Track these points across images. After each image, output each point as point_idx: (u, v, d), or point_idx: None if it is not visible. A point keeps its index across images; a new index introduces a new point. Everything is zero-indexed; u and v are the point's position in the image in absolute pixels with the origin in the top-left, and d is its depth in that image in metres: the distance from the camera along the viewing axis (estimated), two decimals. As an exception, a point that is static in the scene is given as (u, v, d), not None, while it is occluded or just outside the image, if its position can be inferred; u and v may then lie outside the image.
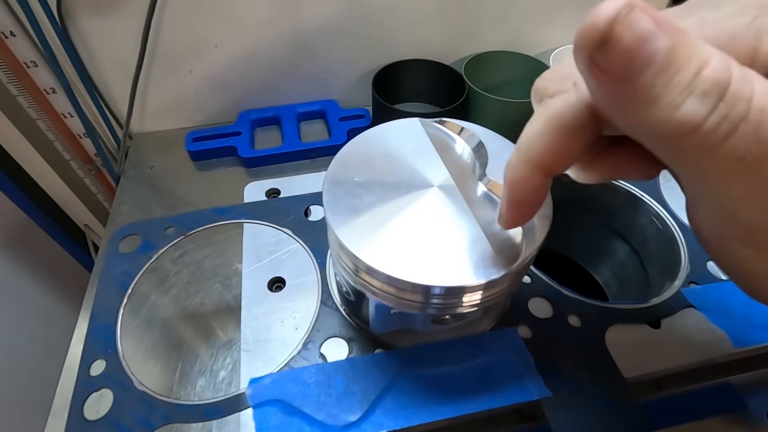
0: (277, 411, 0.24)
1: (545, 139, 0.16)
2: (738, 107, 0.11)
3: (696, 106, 0.11)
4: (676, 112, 0.11)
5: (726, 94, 0.11)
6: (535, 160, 0.16)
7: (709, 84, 0.11)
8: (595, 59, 0.12)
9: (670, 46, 0.11)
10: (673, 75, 0.11)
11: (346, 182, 0.23)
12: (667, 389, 0.31)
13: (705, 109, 0.11)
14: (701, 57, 0.11)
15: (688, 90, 0.11)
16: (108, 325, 0.28)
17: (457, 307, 0.21)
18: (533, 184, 0.17)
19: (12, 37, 0.43)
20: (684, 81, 0.11)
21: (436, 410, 0.24)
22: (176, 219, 0.34)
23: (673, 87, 0.11)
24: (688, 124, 0.11)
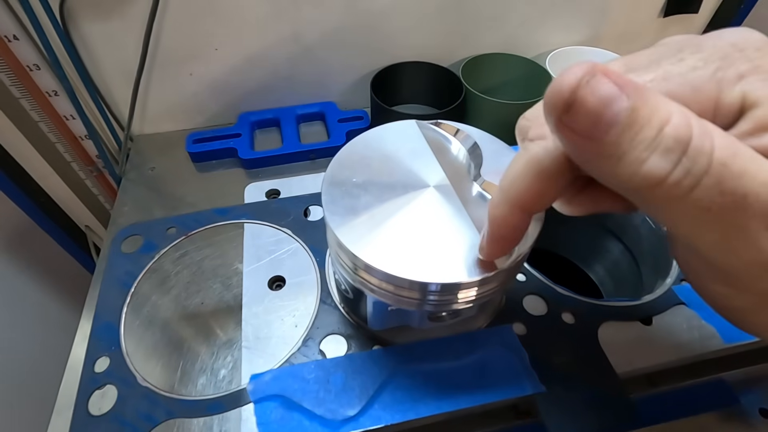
0: (278, 406, 0.25)
1: (524, 182, 0.16)
2: (700, 161, 0.12)
3: (660, 162, 0.12)
4: (642, 168, 0.12)
5: (688, 150, 0.12)
6: (514, 200, 0.17)
7: (671, 141, 0.12)
8: (563, 120, 0.13)
9: (632, 106, 0.12)
10: (637, 133, 0.12)
11: (345, 183, 0.24)
12: (660, 385, 0.32)
13: (668, 164, 0.12)
14: (663, 115, 0.12)
15: (651, 147, 0.12)
16: (111, 323, 0.29)
17: (453, 303, 0.22)
18: (513, 222, 0.18)
19: (15, 41, 0.43)
20: (647, 138, 0.12)
21: (433, 405, 0.25)
22: (177, 219, 0.34)
23: (637, 144, 0.12)
24: (653, 178, 0.12)
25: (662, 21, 0.63)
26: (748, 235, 0.12)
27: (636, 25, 0.63)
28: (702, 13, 0.63)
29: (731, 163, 0.12)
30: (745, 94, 0.13)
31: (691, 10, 0.62)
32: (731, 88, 0.14)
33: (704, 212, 0.12)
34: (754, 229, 0.12)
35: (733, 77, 0.14)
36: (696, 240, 0.14)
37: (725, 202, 0.12)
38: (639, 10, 0.62)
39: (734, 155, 0.12)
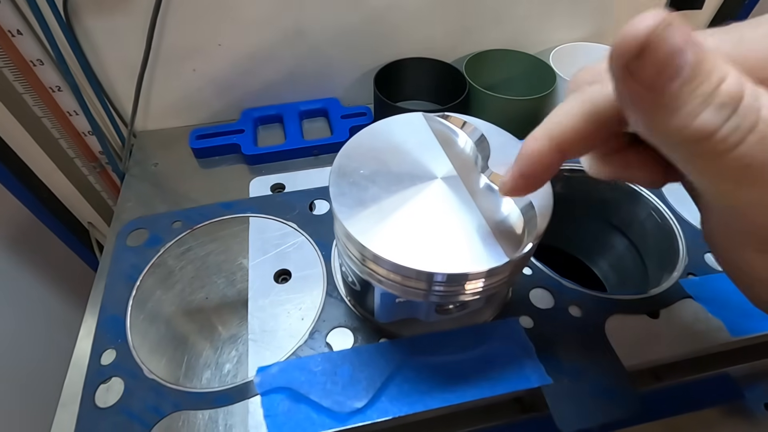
0: (285, 398, 0.25)
1: (573, 120, 0.17)
2: (748, 119, 0.12)
3: (713, 116, 0.12)
4: (695, 120, 0.12)
5: (739, 107, 0.12)
6: (557, 137, 0.17)
7: (725, 97, 0.12)
8: (630, 66, 0.13)
9: (696, 60, 0.12)
10: (697, 86, 0.12)
11: (352, 174, 0.24)
12: (665, 380, 0.32)
13: (720, 119, 0.12)
14: (720, 73, 0.12)
15: (707, 101, 0.12)
16: (117, 316, 0.29)
17: (460, 294, 0.22)
18: (547, 160, 0.18)
19: (19, 36, 0.43)
20: (705, 92, 0.12)
21: (440, 397, 0.25)
22: (183, 213, 0.34)
23: (695, 97, 0.12)
24: (704, 131, 0.12)
25: (666, 17, 0.63)
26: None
27: (639, 22, 0.63)
28: (706, 9, 0.63)
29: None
30: None
31: (695, 6, 0.62)
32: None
33: (746, 169, 0.13)
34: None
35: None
36: (735, 198, 0.14)
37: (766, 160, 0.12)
38: (642, 6, 0.61)
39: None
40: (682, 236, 0.33)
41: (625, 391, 0.26)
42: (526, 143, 0.18)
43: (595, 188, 0.38)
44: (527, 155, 0.18)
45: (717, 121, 0.12)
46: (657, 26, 0.12)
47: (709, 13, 0.65)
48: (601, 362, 0.27)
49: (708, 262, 0.32)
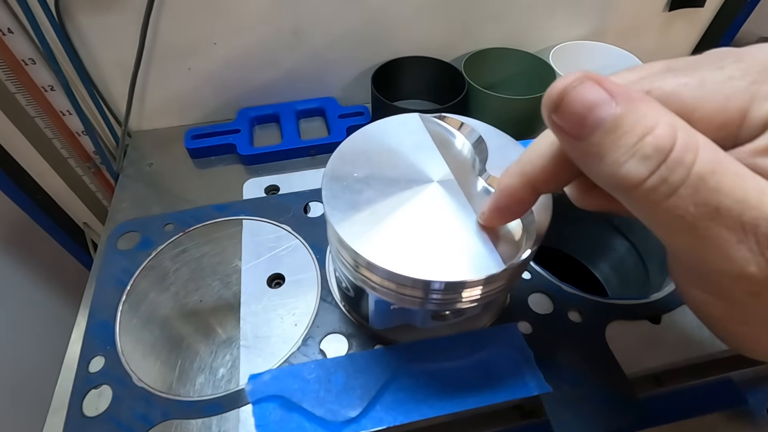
0: (277, 407, 0.24)
1: (543, 159, 0.17)
2: (678, 172, 0.13)
3: (637, 166, 0.13)
4: (620, 169, 0.13)
5: (667, 159, 0.13)
6: (528, 174, 0.18)
7: (649, 149, 0.13)
8: (552, 118, 0.14)
9: (620, 114, 0.13)
10: (619, 138, 0.13)
11: (346, 178, 0.23)
12: (667, 385, 0.31)
13: (645, 169, 0.13)
14: (647, 124, 0.13)
15: (630, 152, 0.13)
16: (107, 321, 0.28)
17: (457, 302, 0.21)
18: (520, 196, 0.19)
19: (10, 34, 0.43)
20: (628, 144, 0.13)
21: (436, 406, 0.24)
22: (175, 216, 0.34)
23: (618, 147, 0.13)
24: (630, 180, 0.13)
25: (667, 15, 0.62)
26: (720, 245, 0.13)
27: (641, 20, 0.62)
28: (708, 7, 0.62)
29: (709, 178, 0.13)
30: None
31: (697, 4, 0.61)
32: (763, 103, 0.14)
33: (679, 219, 0.13)
34: (725, 240, 0.13)
35: (766, 92, 0.14)
36: (673, 244, 0.15)
37: (699, 213, 0.13)
38: (644, 5, 0.61)
39: (713, 171, 0.13)
40: (684, 239, 0.32)
41: (626, 399, 0.25)
42: (502, 178, 0.19)
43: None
44: (501, 190, 0.19)
45: (642, 171, 0.13)
46: (571, 83, 0.14)
47: (711, 10, 0.64)
48: (602, 369, 0.26)
49: (711, 265, 0.31)
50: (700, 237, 0.13)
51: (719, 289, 0.15)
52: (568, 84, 0.14)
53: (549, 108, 0.14)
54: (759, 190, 0.13)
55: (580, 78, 0.14)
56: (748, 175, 0.13)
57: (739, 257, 0.13)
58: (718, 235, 0.13)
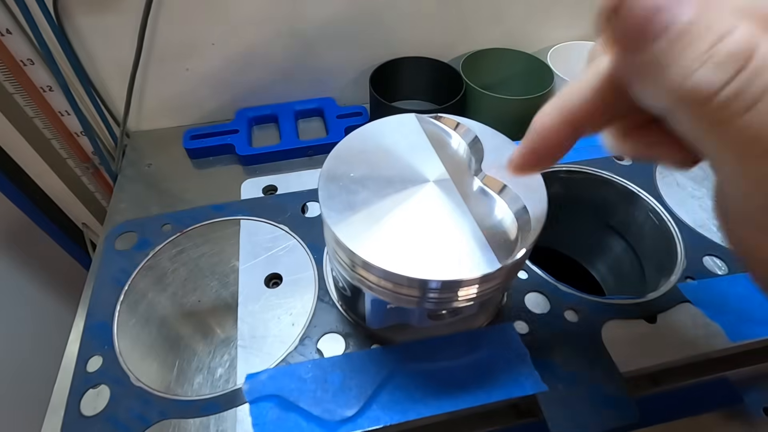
0: (274, 406, 0.24)
1: (584, 93, 0.16)
2: (757, 83, 0.11)
3: (709, 75, 0.11)
4: (689, 79, 0.11)
5: (746, 67, 0.11)
6: (568, 111, 0.16)
7: (725, 55, 0.11)
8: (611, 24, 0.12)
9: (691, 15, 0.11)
10: (689, 43, 0.11)
11: (342, 178, 0.23)
12: (664, 384, 0.31)
13: (719, 78, 0.11)
14: (723, 28, 0.11)
15: (702, 58, 0.11)
16: (105, 322, 0.28)
17: (453, 301, 0.22)
18: (557, 136, 0.17)
19: (8, 35, 0.43)
20: (700, 49, 0.11)
21: (433, 405, 0.24)
22: (173, 216, 0.34)
23: (687, 54, 0.11)
24: (700, 92, 0.11)
25: (665, 15, 0.62)
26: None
27: (638, 20, 0.62)
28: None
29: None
30: None
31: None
32: None
33: (754, 141, 0.11)
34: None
35: None
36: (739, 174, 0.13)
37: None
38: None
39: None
40: (680, 239, 0.33)
41: (621, 399, 0.25)
42: (537, 118, 0.17)
43: (593, 189, 0.37)
44: (538, 131, 0.17)
45: (715, 80, 0.11)
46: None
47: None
48: (598, 368, 0.26)
49: (707, 265, 0.31)
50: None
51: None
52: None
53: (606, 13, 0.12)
54: None
55: None
56: None
57: None
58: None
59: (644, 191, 0.35)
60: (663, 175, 0.37)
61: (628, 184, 0.36)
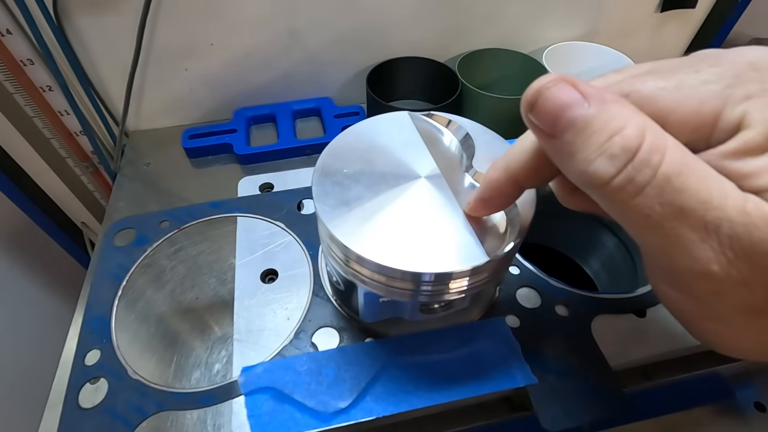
0: (269, 398, 0.25)
1: (526, 155, 0.18)
2: (644, 172, 0.13)
3: (604, 165, 0.14)
4: (589, 167, 0.14)
5: (634, 159, 0.13)
6: (512, 170, 0.19)
7: (617, 148, 0.13)
8: (529, 117, 0.15)
9: (591, 114, 0.14)
10: (589, 137, 0.14)
11: (336, 174, 0.24)
12: (655, 379, 0.32)
13: (612, 168, 0.14)
14: (617, 125, 0.14)
15: (599, 150, 0.14)
16: (103, 316, 0.29)
17: (445, 293, 0.22)
18: (504, 190, 0.19)
19: (8, 35, 0.43)
20: (597, 142, 0.14)
21: (425, 397, 0.25)
22: (171, 213, 0.34)
23: (588, 146, 0.14)
24: (598, 178, 0.14)
25: (659, 16, 0.63)
26: (684, 244, 0.13)
27: (633, 21, 0.63)
28: (699, 8, 0.63)
29: (674, 179, 0.13)
30: (745, 115, 0.14)
31: (689, 5, 0.62)
32: (735, 107, 0.14)
33: (646, 218, 0.14)
34: (690, 239, 0.13)
35: (740, 96, 0.14)
36: (643, 242, 0.15)
37: (665, 212, 0.13)
38: (636, 6, 0.61)
39: (679, 173, 0.13)
40: (671, 235, 0.33)
41: (610, 391, 0.26)
42: (487, 172, 0.20)
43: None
44: (486, 183, 0.20)
45: (609, 169, 0.14)
46: (545, 84, 0.15)
47: (702, 11, 0.65)
48: (588, 362, 0.27)
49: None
50: (666, 235, 0.14)
51: (687, 286, 0.15)
52: (543, 85, 0.15)
53: (526, 107, 0.15)
54: (722, 191, 0.13)
55: (555, 80, 0.15)
56: (713, 177, 0.13)
57: (703, 256, 0.13)
58: (682, 234, 0.13)
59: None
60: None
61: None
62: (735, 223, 0.13)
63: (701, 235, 0.13)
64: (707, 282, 0.14)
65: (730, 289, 0.14)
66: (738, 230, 0.13)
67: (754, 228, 0.13)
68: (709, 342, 0.17)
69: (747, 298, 0.14)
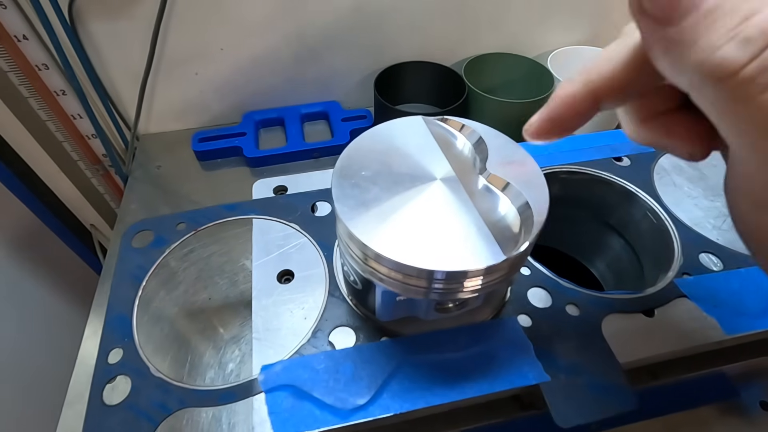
0: (289, 395, 0.25)
1: (611, 65, 0.16)
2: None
3: (735, 51, 0.11)
4: (715, 54, 0.12)
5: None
6: (594, 83, 0.16)
7: (753, 31, 0.11)
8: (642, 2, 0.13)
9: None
10: (719, 19, 0.12)
11: (354, 176, 0.24)
12: (662, 378, 0.32)
13: (745, 54, 0.11)
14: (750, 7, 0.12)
15: (729, 35, 0.12)
16: (124, 315, 0.29)
17: (459, 292, 0.23)
18: (579, 106, 0.17)
19: (24, 41, 0.44)
20: (728, 25, 0.12)
21: (441, 394, 0.25)
22: (187, 215, 0.35)
23: (715, 29, 0.12)
24: (725, 66, 0.12)
25: (662, 21, 0.64)
26: None
27: (636, 25, 0.64)
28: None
29: None
30: None
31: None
32: None
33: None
34: None
35: None
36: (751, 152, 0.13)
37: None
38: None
39: None
40: (677, 237, 0.34)
41: (620, 388, 0.26)
42: (561, 86, 0.17)
43: (593, 190, 0.38)
44: (559, 98, 0.17)
45: (741, 56, 0.11)
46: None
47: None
48: (598, 360, 0.27)
49: (702, 262, 0.32)
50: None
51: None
52: None
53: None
54: None
55: None
56: None
57: None
58: None
59: (642, 191, 0.37)
60: (660, 175, 0.38)
61: (627, 184, 0.37)
62: None
63: None
64: None
65: None
66: None
67: None
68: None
69: None
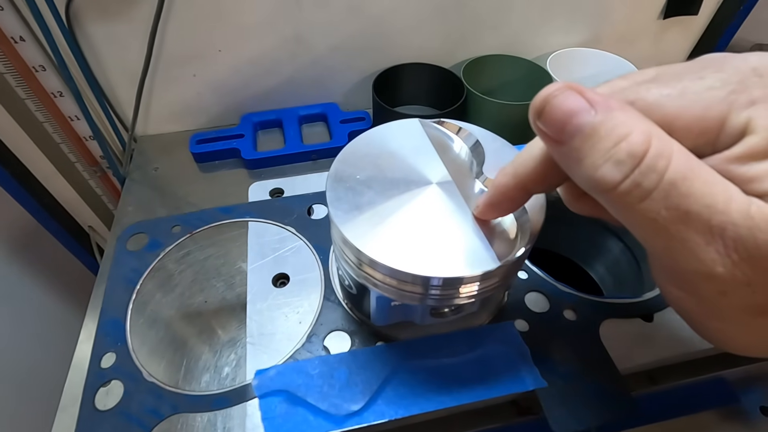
0: (282, 401, 0.25)
1: (533, 162, 0.19)
2: (650, 177, 0.14)
3: (611, 170, 0.14)
4: (596, 172, 0.14)
5: (640, 165, 0.14)
6: (521, 176, 0.19)
7: (623, 154, 0.14)
8: (537, 124, 0.16)
9: (598, 121, 0.14)
10: (596, 143, 0.14)
11: (349, 180, 0.24)
12: (661, 383, 0.32)
13: (619, 173, 0.14)
14: (623, 131, 0.14)
15: (606, 156, 0.14)
16: (117, 319, 0.29)
17: (455, 298, 0.22)
18: (512, 195, 0.20)
19: (21, 42, 0.44)
20: (604, 148, 0.14)
21: (436, 400, 0.25)
22: (182, 218, 0.35)
23: (595, 152, 0.14)
24: (605, 183, 0.14)
25: (662, 23, 0.64)
26: (690, 247, 0.14)
27: (636, 27, 0.64)
28: (701, 15, 0.64)
29: (680, 184, 0.13)
30: (750, 121, 0.14)
31: (691, 12, 0.62)
32: (740, 112, 0.15)
33: (653, 222, 0.14)
34: (695, 243, 0.14)
35: (744, 102, 0.15)
36: (648, 244, 0.16)
37: (671, 216, 0.14)
38: (639, 12, 0.62)
39: (685, 177, 0.14)
40: (676, 240, 0.33)
41: (618, 394, 0.26)
42: (496, 177, 0.20)
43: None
44: (495, 188, 0.20)
45: (616, 175, 0.14)
46: (553, 92, 0.15)
47: (705, 18, 0.66)
48: (596, 365, 0.27)
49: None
50: (672, 239, 0.14)
51: (692, 287, 0.16)
52: (551, 93, 0.15)
53: (534, 114, 0.16)
54: (727, 195, 0.14)
55: (562, 87, 0.15)
56: (718, 181, 0.14)
57: (708, 258, 0.14)
58: (688, 238, 0.14)
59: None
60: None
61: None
62: (739, 226, 0.13)
63: (706, 238, 0.14)
64: (712, 283, 0.14)
65: (734, 290, 0.14)
66: (742, 233, 0.13)
67: (758, 231, 0.13)
68: (714, 339, 0.18)
69: (750, 298, 0.14)
